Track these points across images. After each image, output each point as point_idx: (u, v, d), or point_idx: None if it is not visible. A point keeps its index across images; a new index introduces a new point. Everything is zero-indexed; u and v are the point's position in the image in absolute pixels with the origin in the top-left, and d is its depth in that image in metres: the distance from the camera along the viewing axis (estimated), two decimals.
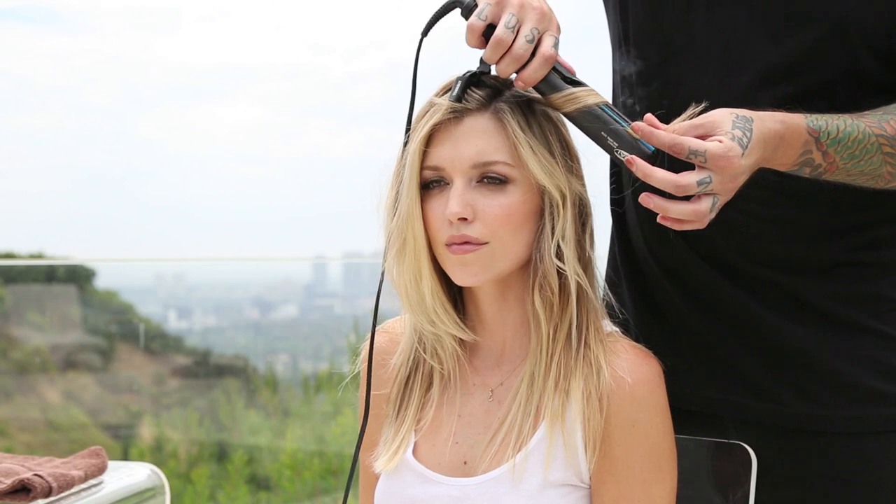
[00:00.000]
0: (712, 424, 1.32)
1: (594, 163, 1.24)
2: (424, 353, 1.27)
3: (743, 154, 1.07)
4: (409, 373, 1.28)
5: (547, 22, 1.13)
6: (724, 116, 1.09)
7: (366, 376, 1.31)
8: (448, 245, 1.18)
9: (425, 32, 1.22)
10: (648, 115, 1.10)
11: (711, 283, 1.29)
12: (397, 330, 1.33)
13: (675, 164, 1.08)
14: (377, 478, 1.28)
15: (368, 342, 1.26)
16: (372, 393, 1.30)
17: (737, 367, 1.29)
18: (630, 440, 1.16)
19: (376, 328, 1.30)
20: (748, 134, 1.08)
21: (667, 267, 1.33)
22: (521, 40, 1.11)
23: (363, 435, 1.28)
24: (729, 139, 1.06)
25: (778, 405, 1.27)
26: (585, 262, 1.21)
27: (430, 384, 1.28)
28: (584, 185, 1.22)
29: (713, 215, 1.09)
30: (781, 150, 1.12)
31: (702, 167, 1.06)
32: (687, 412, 1.30)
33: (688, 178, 1.05)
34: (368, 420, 1.31)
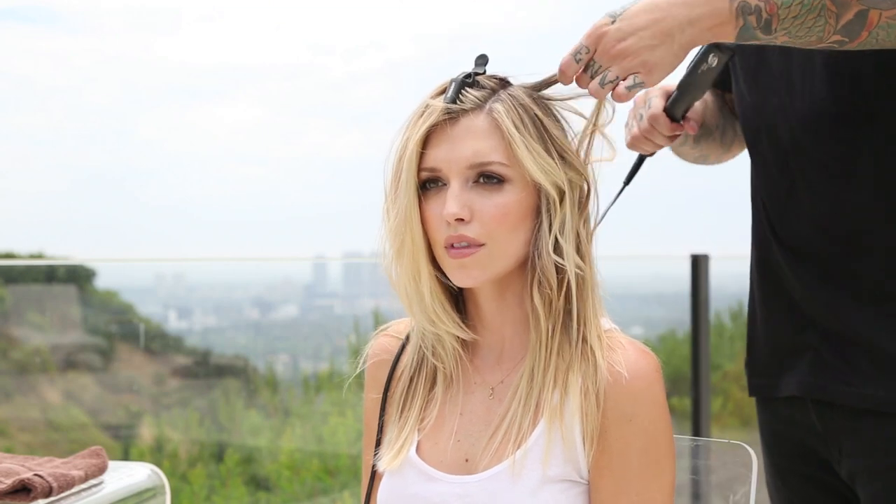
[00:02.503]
0: (797, 405, 1.42)
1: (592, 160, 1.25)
2: (427, 352, 1.27)
3: (614, 21, 1.16)
4: (413, 373, 1.29)
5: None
6: None
7: (370, 379, 1.32)
8: (447, 247, 1.18)
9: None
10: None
11: (791, 273, 1.38)
12: (400, 330, 1.34)
13: None
14: (380, 477, 1.28)
15: (370, 343, 1.27)
16: (378, 395, 1.31)
17: (818, 353, 1.37)
18: (627, 434, 1.16)
19: (379, 330, 1.30)
20: (631, 2, 1.18)
21: (762, 257, 1.46)
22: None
23: (381, 435, 1.29)
24: (600, 18, 1.18)
25: (848, 387, 1.33)
26: (583, 258, 1.21)
27: (434, 383, 1.28)
28: (582, 181, 1.23)
29: (623, 88, 1.17)
30: (705, 4, 1.16)
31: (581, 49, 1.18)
32: (786, 405, 1.43)
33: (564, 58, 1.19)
34: (372, 420, 1.32)
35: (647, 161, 1.52)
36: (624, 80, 1.17)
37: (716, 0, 1.16)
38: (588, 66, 1.19)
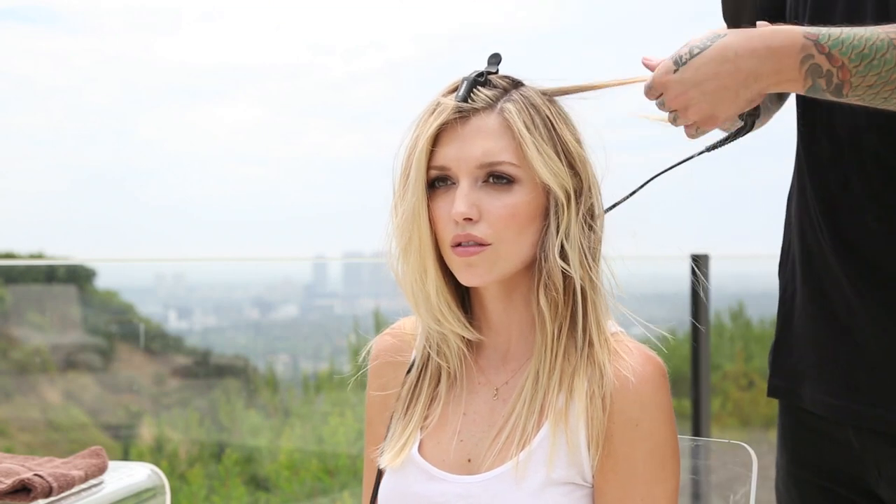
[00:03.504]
0: (836, 429, 1.34)
1: (603, 161, 1.24)
2: (432, 351, 1.27)
3: (676, 70, 1.15)
4: (419, 371, 1.29)
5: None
6: (698, 36, 1.17)
7: (375, 377, 1.32)
8: (454, 245, 1.18)
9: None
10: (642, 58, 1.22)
11: (842, 276, 1.30)
12: (406, 329, 1.33)
13: None
14: (382, 475, 1.28)
15: (373, 342, 1.26)
16: (381, 392, 1.31)
17: (852, 373, 1.30)
18: (633, 439, 1.16)
19: (385, 329, 1.30)
20: (698, 50, 1.14)
21: (806, 255, 1.36)
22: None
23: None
24: (667, 58, 1.16)
25: (888, 413, 1.26)
26: (590, 262, 1.21)
27: (438, 382, 1.28)
28: (591, 185, 1.22)
29: (691, 131, 1.19)
30: (773, 60, 1.11)
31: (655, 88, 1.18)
32: (815, 416, 1.35)
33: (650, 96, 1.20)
34: (375, 417, 1.32)
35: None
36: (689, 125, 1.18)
37: (784, 57, 1.11)
38: (660, 102, 1.19)
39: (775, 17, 1.40)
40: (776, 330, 1.45)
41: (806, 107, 1.36)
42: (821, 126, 1.32)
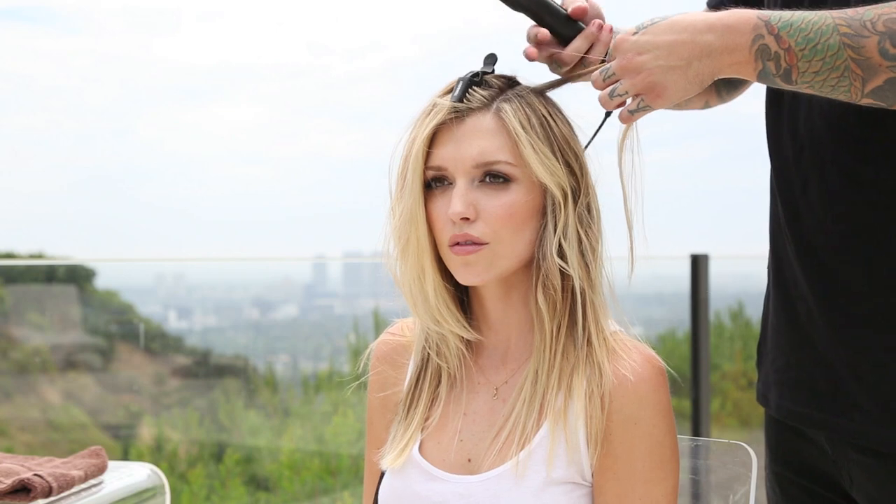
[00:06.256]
0: (813, 432, 1.32)
1: (601, 161, 1.24)
2: (431, 352, 1.27)
3: (636, 32, 1.14)
4: (419, 372, 1.29)
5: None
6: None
7: (376, 378, 1.32)
8: (451, 245, 1.18)
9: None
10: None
11: (804, 279, 1.28)
12: (405, 331, 1.34)
13: None
14: (382, 476, 1.28)
15: (373, 345, 1.27)
16: (382, 393, 1.31)
17: (813, 380, 1.28)
18: (632, 438, 1.16)
19: (384, 330, 1.31)
20: (660, 19, 1.14)
21: (775, 256, 1.35)
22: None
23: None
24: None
25: (849, 422, 1.24)
26: (588, 261, 1.21)
27: (438, 383, 1.28)
28: (588, 183, 1.23)
29: (633, 105, 1.16)
30: (728, 37, 1.10)
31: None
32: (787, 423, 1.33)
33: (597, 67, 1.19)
34: (375, 418, 1.32)
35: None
36: (633, 97, 1.14)
37: (738, 35, 1.10)
38: (605, 70, 1.16)
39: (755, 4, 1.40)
40: (760, 334, 1.44)
41: (771, 107, 1.35)
42: (785, 127, 1.31)
